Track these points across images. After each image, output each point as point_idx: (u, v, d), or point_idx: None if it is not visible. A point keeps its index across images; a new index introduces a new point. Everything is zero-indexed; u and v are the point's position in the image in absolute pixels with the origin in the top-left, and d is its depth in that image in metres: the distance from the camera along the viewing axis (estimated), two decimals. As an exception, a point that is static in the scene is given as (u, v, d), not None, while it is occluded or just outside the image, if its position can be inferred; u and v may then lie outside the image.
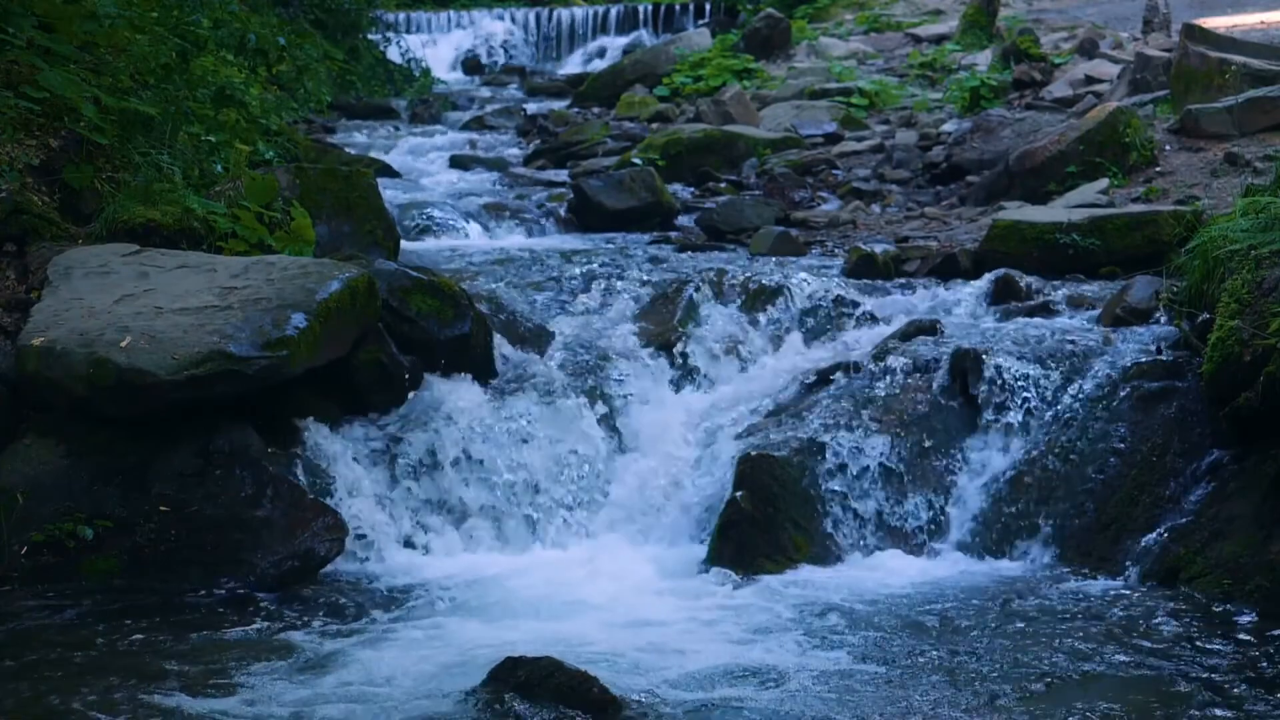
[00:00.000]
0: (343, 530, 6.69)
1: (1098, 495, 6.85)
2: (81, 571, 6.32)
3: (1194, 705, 5.11)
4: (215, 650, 5.64)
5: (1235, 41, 13.58)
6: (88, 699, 5.14)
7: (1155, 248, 8.96)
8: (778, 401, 7.69)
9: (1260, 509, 6.33)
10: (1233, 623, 5.87)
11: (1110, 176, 11.07)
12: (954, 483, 7.12)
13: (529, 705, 5.01)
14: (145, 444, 6.61)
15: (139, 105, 8.40)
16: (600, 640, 5.75)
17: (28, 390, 6.65)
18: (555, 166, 14.79)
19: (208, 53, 11.66)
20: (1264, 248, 6.76)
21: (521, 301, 8.69)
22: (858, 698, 5.20)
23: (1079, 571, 6.60)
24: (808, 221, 11.51)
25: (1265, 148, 11.09)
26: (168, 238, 7.80)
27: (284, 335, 6.66)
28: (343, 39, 22.17)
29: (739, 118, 15.55)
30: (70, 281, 7.08)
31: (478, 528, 7.12)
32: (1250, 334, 6.45)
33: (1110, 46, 17.74)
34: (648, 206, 11.68)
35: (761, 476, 6.95)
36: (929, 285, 9.13)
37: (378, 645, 5.76)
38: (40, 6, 8.33)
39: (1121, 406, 7.08)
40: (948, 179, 12.64)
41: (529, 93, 22.74)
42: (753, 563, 6.70)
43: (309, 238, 8.29)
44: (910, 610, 6.14)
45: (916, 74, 18.67)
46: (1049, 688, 5.26)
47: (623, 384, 7.83)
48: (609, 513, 7.29)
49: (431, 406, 7.39)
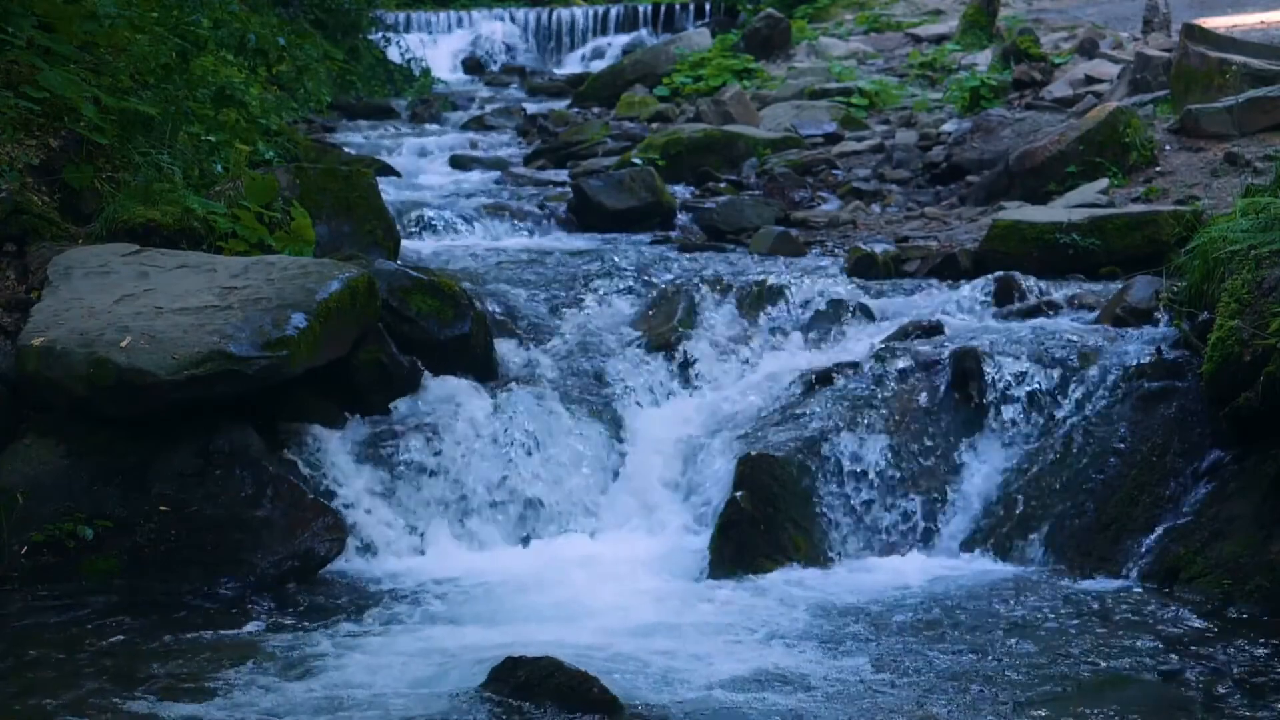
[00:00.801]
0: (343, 530, 6.71)
1: (1098, 495, 6.84)
2: (81, 571, 6.32)
3: (1194, 705, 5.11)
4: (215, 650, 5.64)
5: (1235, 41, 13.59)
6: (87, 699, 5.14)
7: (1155, 248, 8.97)
8: (778, 402, 7.69)
9: (1260, 509, 6.33)
10: (1233, 623, 5.87)
11: (1110, 176, 11.07)
12: (954, 483, 7.12)
13: (529, 705, 5.02)
14: (145, 444, 6.61)
15: (139, 105, 8.40)
16: (600, 640, 5.75)
17: (28, 390, 6.65)
18: (555, 166, 14.79)
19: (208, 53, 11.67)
20: (1264, 248, 6.75)
21: (521, 301, 8.69)
22: (857, 697, 5.20)
23: (1079, 571, 6.59)
24: (808, 221, 11.51)
25: (1265, 148, 11.09)
26: (168, 238, 7.81)
27: (284, 335, 6.66)
28: (343, 39, 22.17)
29: (739, 118, 15.55)
30: (70, 281, 7.08)
31: (477, 528, 7.12)
32: (1250, 334, 6.45)
33: (1110, 46, 17.74)
34: (648, 206, 11.68)
35: (761, 476, 6.95)
36: (929, 285, 9.13)
37: (378, 645, 5.76)
38: (40, 6, 8.33)
39: (1121, 406, 7.08)
40: (948, 179, 12.64)
41: (529, 93, 22.75)
42: (753, 563, 6.70)
43: (309, 238, 8.29)
44: (910, 610, 6.14)
45: (916, 74, 18.68)
46: (1049, 687, 5.26)
47: (623, 384, 7.84)
48: (608, 513, 7.29)
49: (431, 406, 7.40)
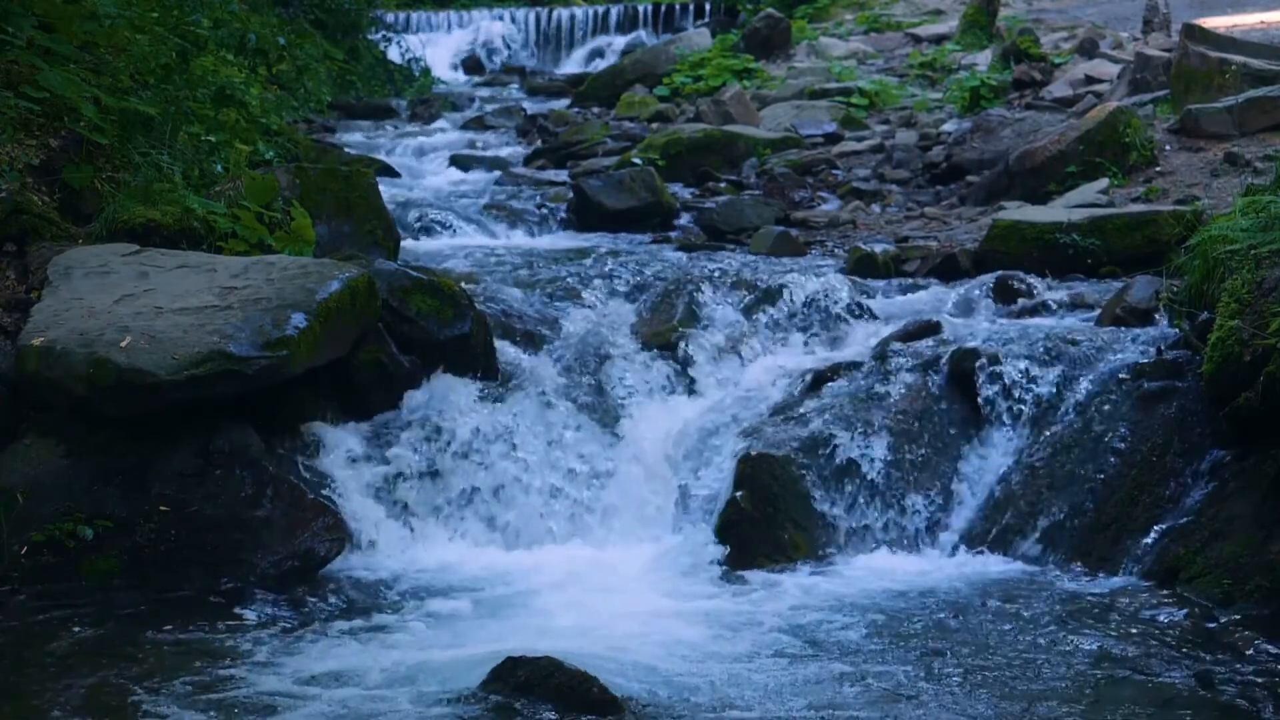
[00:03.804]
0: (342, 530, 6.71)
1: (1098, 495, 6.84)
2: (81, 571, 6.32)
3: (1194, 705, 5.11)
4: (214, 650, 5.64)
5: (1235, 41, 13.60)
6: (87, 699, 5.14)
7: (1155, 248, 8.98)
8: (778, 401, 7.69)
9: (1260, 509, 6.33)
10: (1233, 623, 5.86)
11: (1110, 176, 11.07)
12: (954, 482, 7.12)
13: (529, 705, 5.02)
14: (145, 444, 6.61)
15: (139, 105, 8.40)
16: (600, 640, 5.75)
17: (28, 390, 6.65)
18: (555, 166, 14.80)
19: (208, 53, 11.67)
20: (1264, 248, 6.75)
21: (521, 301, 8.68)
22: (858, 697, 5.20)
23: (1079, 571, 6.59)
24: (808, 221, 11.52)
25: (1265, 148, 11.10)
26: (168, 238, 7.80)
27: (284, 335, 6.66)
28: (343, 39, 22.18)
29: (739, 118, 15.55)
30: (70, 281, 7.08)
31: (477, 528, 7.12)
32: (1250, 334, 6.44)
33: (1110, 46, 17.75)
34: (648, 206, 11.69)
35: (761, 476, 6.95)
36: (929, 285, 9.13)
37: (377, 645, 5.76)
38: (40, 6, 8.33)
39: (1121, 406, 7.08)
40: (948, 179, 12.65)
41: (529, 93, 22.76)
42: (753, 562, 6.71)
43: (309, 238, 8.29)
44: (910, 610, 6.14)
45: (916, 74, 18.69)
46: (1049, 687, 5.26)
47: (623, 384, 7.83)
48: (608, 513, 7.28)
49: (431, 406, 7.40)
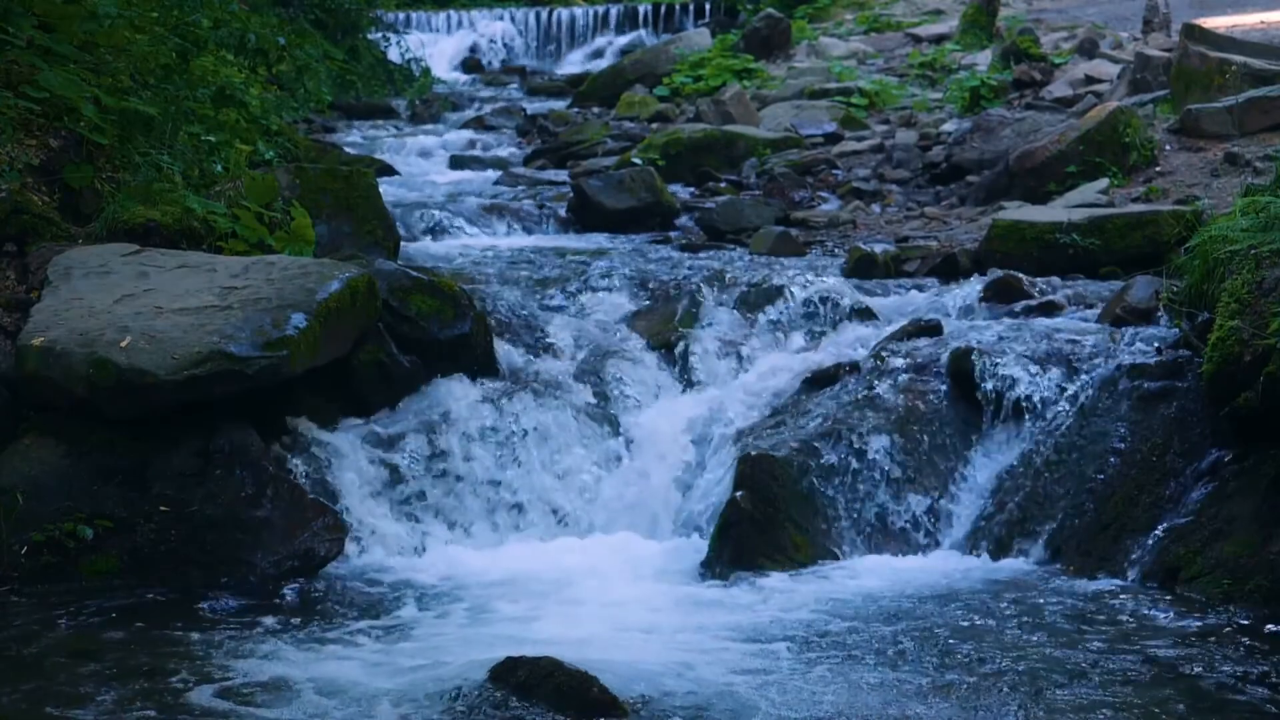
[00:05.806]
0: (342, 530, 6.71)
1: (1098, 495, 6.84)
2: (81, 571, 6.31)
3: (1194, 705, 5.10)
4: (214, 650, 5.64)
5: (1235, 41, 13.60)
6: (86, 699, 5.13)
7: (1155, 248, 8.98)
8: (778, 401, 7.69)
9: (1260, 509, 6.32)
10: (1233, 623, 5.86)
11: (1110, 176, 11.07)
12: (954, 482, 7.12)
13: (529, 705, 5.01)
14: (145, 444, 6.60)
15: (139, 105, 8.40)
16: (600, 640, 5.75)
17: (28, 390, 6.65)
18: (555, 166, 14.80)
19: (208, 53, 11.66)
20: (1264, 248, 6.75)
21: (521, 301, 8.68)
22: (858, 698, 5.19)
23: (1079, 571, 6.59)
24: (808, 221, 11.52)
25: (1265, 148, 11.10)
26: (168, 238, 7.81)
27: (284, 335, 6.66)
28: (343, 39, 22.17)
29: (739, 118, 15.55)
30: (70, 281, 7.08)
31: (477, 528, 7.12)
32: (1250, 334, 6.44)
33: (1110, 46, 17.76)
34: (648, 206, 11.69)
35: (761, 476, 6.95)
36: (929, 285, 9.13)
37: (377, 644, 5.76)
38: (40, 6, 8.33)
39: (1121, 406, 7.08)
40: (948, 179, 12.65)
41: (529, 93, 22.77)
42: (753, 563, 6.70)
43: (309, 238, 8.30)
44: (910, 610, 6.13)
45: (916, 74, 18.69)
46: (1049, 687, 5.26)
47: (622, 384, 7.83)
48: (608, 513, 7.29)
49: (431, 406, 7.40)
